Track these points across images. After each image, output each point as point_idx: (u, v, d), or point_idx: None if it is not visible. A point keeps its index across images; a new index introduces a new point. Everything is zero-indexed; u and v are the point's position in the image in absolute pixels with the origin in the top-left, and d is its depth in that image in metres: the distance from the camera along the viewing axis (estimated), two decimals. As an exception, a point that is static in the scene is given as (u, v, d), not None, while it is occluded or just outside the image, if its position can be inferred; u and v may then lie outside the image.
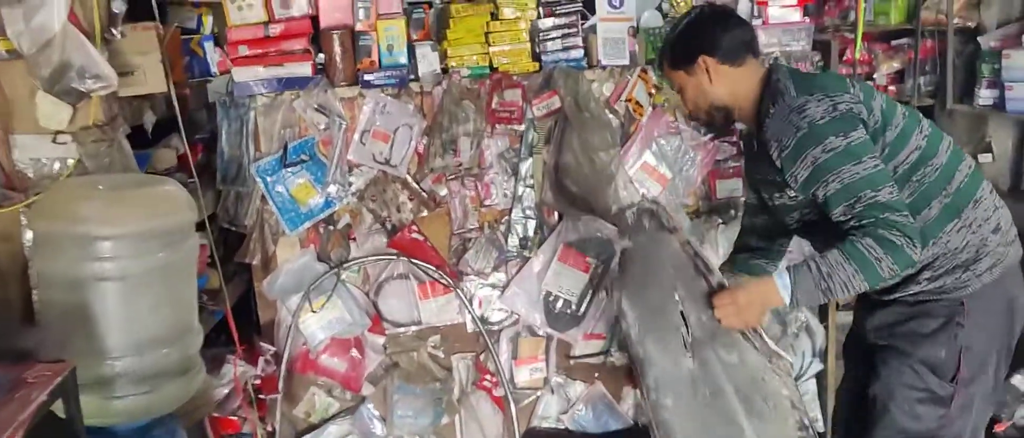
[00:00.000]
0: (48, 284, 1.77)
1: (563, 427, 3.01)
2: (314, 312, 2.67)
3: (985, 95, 3.00)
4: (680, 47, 2.02)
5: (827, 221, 1.85)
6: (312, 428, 2.90)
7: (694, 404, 1.77)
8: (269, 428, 2.71)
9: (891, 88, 4.09)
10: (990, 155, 3.15)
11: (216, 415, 2.49)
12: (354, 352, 2.85)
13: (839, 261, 1.76)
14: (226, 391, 2.47)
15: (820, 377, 2.98)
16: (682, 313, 1.86)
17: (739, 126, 2.50)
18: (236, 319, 2.62)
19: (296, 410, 2.89)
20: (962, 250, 1.89)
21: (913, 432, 1.93)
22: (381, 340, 2.87)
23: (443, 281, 2.77)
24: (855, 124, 1.80)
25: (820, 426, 2.95)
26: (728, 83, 1.98)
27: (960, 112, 3.23)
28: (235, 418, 2.55)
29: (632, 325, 1.91)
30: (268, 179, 2.66)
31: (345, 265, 2.75)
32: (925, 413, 1.92)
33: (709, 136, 2.77)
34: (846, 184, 1.77)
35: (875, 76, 4.23)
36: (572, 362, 2.91)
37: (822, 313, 2.96)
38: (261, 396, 2.68)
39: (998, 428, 2.68)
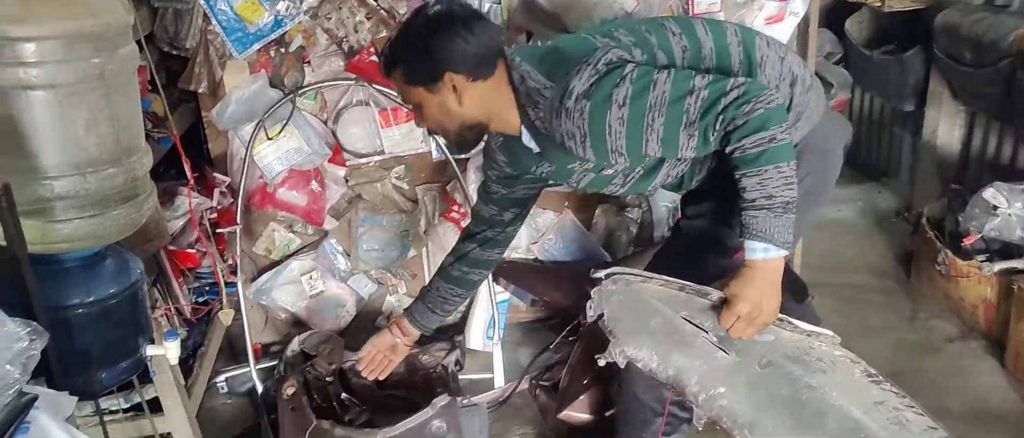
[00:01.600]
0: (-33, 98, 1.57)
1: (533, 257, 2.97)
2: (270, 140, 2.49)
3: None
4: (415, 59, 1.64)
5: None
6: (273, 265, 2.80)
7: (750, 379, 1.60)
8: (229, 262, 2.59)
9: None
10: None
11: (172, 248, 2.35)
12: (314, 184, 2.71)
13: (758, 180, 1.51)
14: (181, 223, 2.33)
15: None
16: (695, 324, 1.62)
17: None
18: (186, 151, 2.44)
19: (255, 247, 2.78)
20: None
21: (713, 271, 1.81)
22: (342, 171, 2.73)
23: (406, 107, 2.60)
24: (622, 66, 1.58)
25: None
26: (480, 99, 1.66)
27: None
28: (193, 252, 2.41)
29: (650, 359, 1.64)
30: (209, -5, 2.41)
31: (300, 91, 2.56)
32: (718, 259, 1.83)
33: None
34: (666, 114, 1.54)
35: None
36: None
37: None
38: (219, 230, 2.55)
39: (966, 240, 2.71)
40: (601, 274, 1.69)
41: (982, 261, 2.66)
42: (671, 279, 1.66)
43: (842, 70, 4.04)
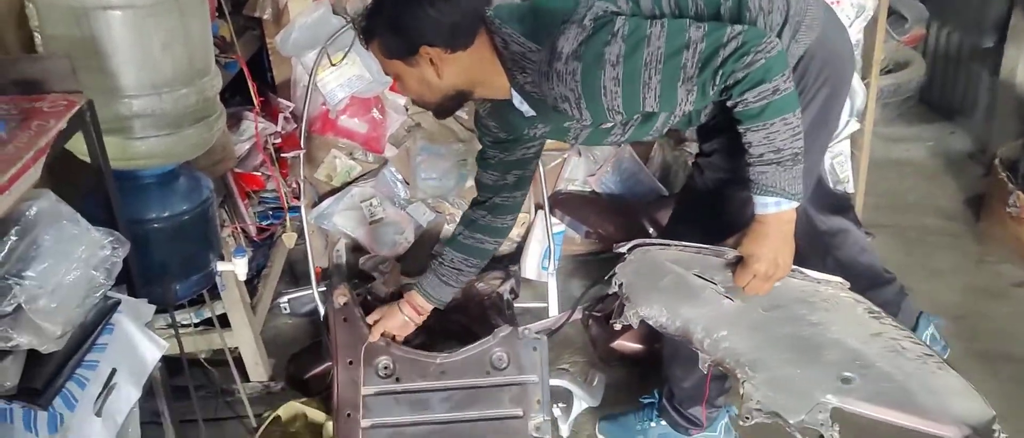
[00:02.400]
0: (49, 18, 1.62)
1: (590, 189, 2.97)
2: (333, 67, 2.52)
3: None
4: (389, 33, 1.57)
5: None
6: (334, 191, 2.86)
7: (753, 321, 1.59)
8: (292, 185, 2.65)
9: None
10: None
11: (239, 171, 2.42)
12: (375, 112, 2.74)
13: (762, 134, 1.45)
14: (247, 147, 2.39)
15: (855, 137, 2.88)
16: (705, 278, 1.61)
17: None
18: (252, 77, 2.49)
19: (317, 173, 2.84)
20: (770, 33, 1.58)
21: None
22: (403, 100, 2.75)
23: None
24: (611, 20, 1.50)
25: (850, 187, 2.90)
26: (460, 70, 1.61)
27: None
28: (258, 174, 2.48)
29: (660, 314, 1.67)
30: (274, -81, 2.42)
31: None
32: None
33: None
34: (662, 70, 1.47)
35: None
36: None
37: (865, 71, 2.81)
38: (282, 155, 2.61)
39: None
40: (624, 248, 1.66)
41: (1056, 204, 2.58)
42: (689, 244, 1.63)
43: (917, 2, 3.87)
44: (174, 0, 1.63)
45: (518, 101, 1.70)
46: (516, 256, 2.93)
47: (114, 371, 1.23)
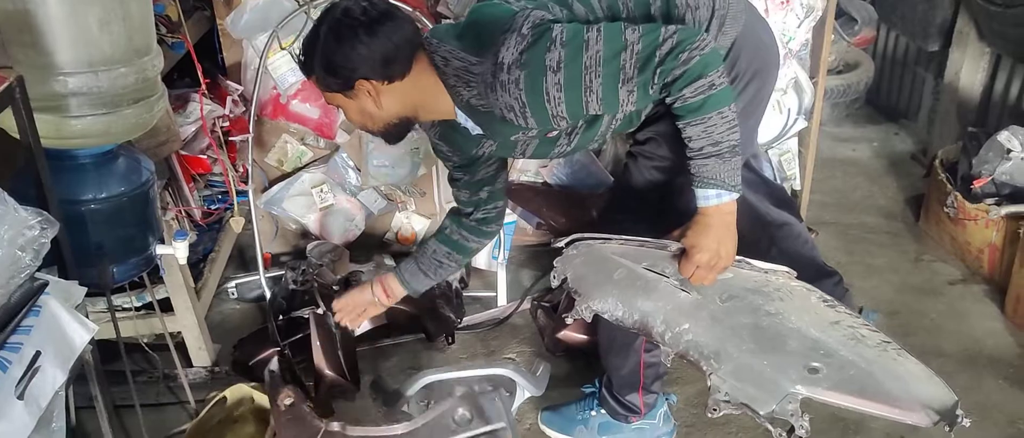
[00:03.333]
0: (-19, -9, 1.59)
1: (541, 180, 2.98)
2: (283, 50, 2.50)
3: None
4: (323, 71, 1.60)
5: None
6: (285, 176, 2.84)
7: (712, 312, 1.61)
8: (241, 170, 2.62)
9: None
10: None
11: (184, 153, 2.38)
12: (327, 98, 2.71)
13: (701, 128, 1.49)
14: (193, 129, 2.35)
15: (802, 135, 2.93)
16: (656, 271, 1.64)
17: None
18: (199, 60, 2.45)
19: (268, 158, 2.81)
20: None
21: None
22: (355, 85, 2.73)
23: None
24: (549, 27, 1.52)
25: (797, 184, 2.96)
26: (400, 97, 1.63)
27: None
28: (204, 157, 2.45)
29: (615, 308, 1.66)
30: (223, -101, 2.39)
31: (315, 2, 2.55)
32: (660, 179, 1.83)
33: None
34: (603, 73, 1.50)
35: None
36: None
37: (813, 70, 2.86)
38: (231, 138, 2.58)
39: (976, 184, 2.70)
40: (561, 243, 1.68)
41: (990, 205, 2.65)
42: (630, 238, 1.66)
43: (868, 5, 3.95)
44: (113, -24, 1.60)
45: (463, 119, 1.71)
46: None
47: (38, 354, 1.21)
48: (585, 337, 2.42)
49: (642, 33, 1.49)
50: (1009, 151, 2.64)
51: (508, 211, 2.84)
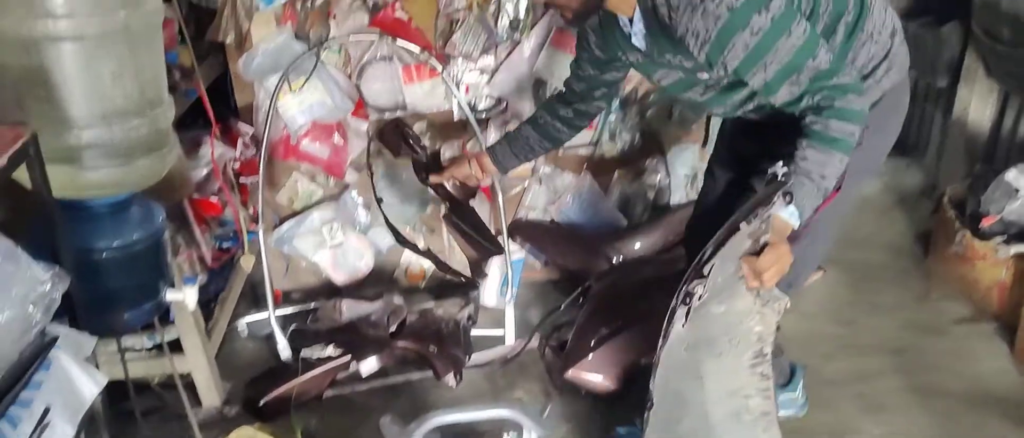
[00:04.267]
0: (-2, 48, 1.63)
1: (549, 218, 3.00)
2: (293, 93, 2.54)
3: None
4: None
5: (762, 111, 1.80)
6: (295, 214, 2.87)
7: (674, 363, 1.68)
8: (251, 211, 2.66)
9: None
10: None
11: (196, 197, 2.42)
12: (337, 137, 2.76)
13: (822, 158, 1.61)
14: (204, 173, 2.39)
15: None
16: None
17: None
18: (212, 102, 2.50)
19: (278, 196, 2.85)
20: (868, 62, 1.82)
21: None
22: (365, 125, 2.77)
23: (429, 64, 2.63)
24: None
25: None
26: None
27: None
28: (216, 200, 2.49)
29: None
30: (237, -53, 2.44)
31: (325, 45, 2.60)
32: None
33: None
34: (785, 63, 1.62)
35: None
36: (560, 154, 2.85)
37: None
38: (242, 180, 2.62)
39: (985, 222, 2.69)
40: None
41: (999, 243, 2.65)
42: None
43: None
44: (124, 31, 1.64)
45: (629, 22, 1.79)
46: (476, 282, 2.95)
47: (48, 410, 1.24)
48: (597, 377, 2.42)
49: (833, 56, 1.65)
50: (1017, 190, 2.64)
51: (516, 248, 2.87)
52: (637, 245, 2.87)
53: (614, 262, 2.83)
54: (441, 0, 2.58)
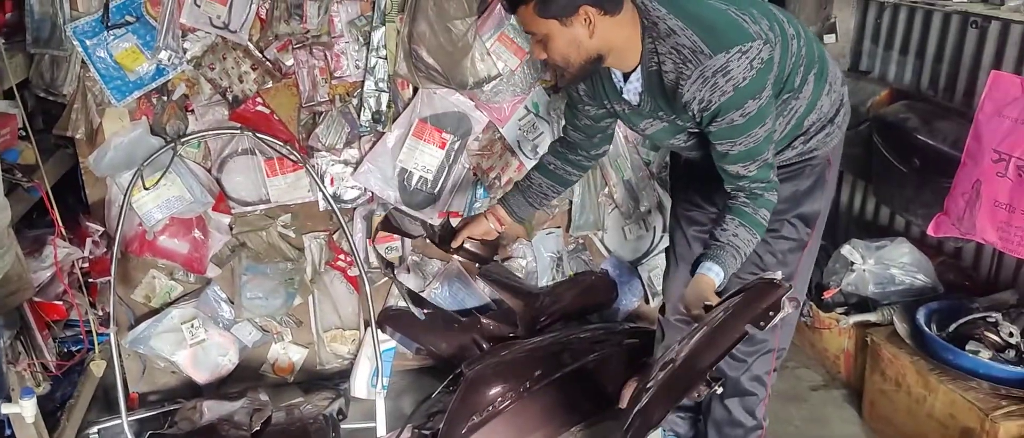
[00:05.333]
0: None
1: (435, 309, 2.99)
2: (148, 190, 2.47)
3: (833, -24, 3.05)
4: None
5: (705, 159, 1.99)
6: (153, 312, 2.76)
7: None
8: (101, 312, 2.54)
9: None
10: (833, 35, 3.25)
11: (38, 300, 2.29)
12: (196, 232, 2.69)
13: (747, 236, 1.87)
14: (49, 274, 2.27)
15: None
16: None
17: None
18: (64, 197, 2.41)
19: (134, 294, 2.73)
20: (829, 109, 2.04)
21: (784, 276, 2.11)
22: (227, 219, 2.72)
23: (292, 157, 2.63)
24: (766, 77, 1.80)
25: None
26: (607, 32, 1.80)
27: (810, -7, 3.29)
28: (60, 303, 2.36)
29: None
30: (88, 42, 2.39)
31: (183, 139, 2.55)
32: (793, 259, 2.18)
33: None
34: (750, 147, 1.84)
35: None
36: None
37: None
38: (92, 280, 2.50)
39: (826, 294, 2.88)
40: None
41: (841, 314, 2.83)
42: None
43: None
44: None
45: (624, 79, 1.93)
46: (347, 373, 2.90)
47: None
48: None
49: (773, 159, 1.90)
50: (853, 263, 2.83)
51: (386, 337, 2.84)
52: (508, 327, 2.91)
53: (485, 346, 2.85)
54: (303, 93, 2.60)
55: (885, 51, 3.14)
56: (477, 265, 2.62)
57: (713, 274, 1.85)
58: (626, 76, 1.93)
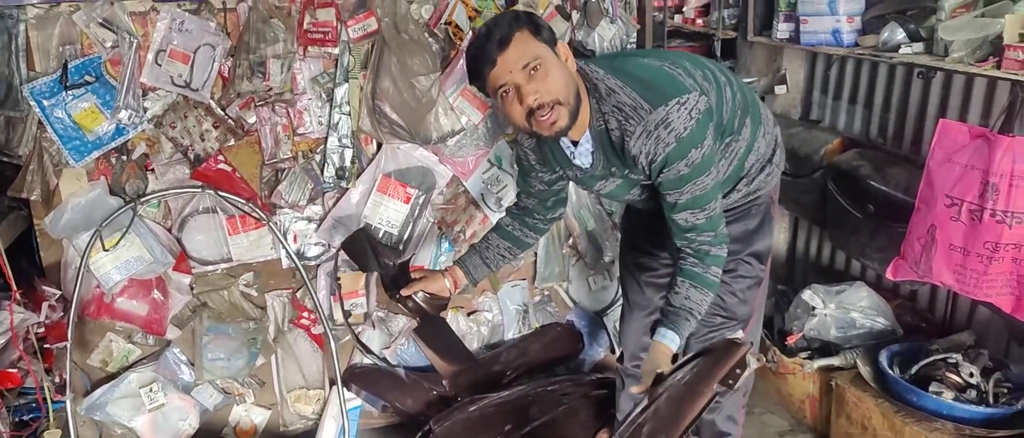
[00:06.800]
0: None
1: (383, 357, 2.96)
2: (107, 251, 2.42)
3: (782, 28, 3.15)
4: (540, 21, 1.85)
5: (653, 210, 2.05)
6: (110, 377, 2.67)
7: None
8: (57, 379, 2.45)
9: (698, 21, 4.28)
10: (784, 86, 3.35)
11: (-9, 368, 2.21)
12: (156, 293, 2.63)
13: (699, 297, 1.93)
14: (3, 341, 2.20)
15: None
16: None
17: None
18: (17, 261, 2.34)
19: (90, 359, 2.65)
20: (765, 149, 2.12)
21: (743, 315, 2.24)
22: (187, 279, 2.67)
23: (255, 214, 2.60)
24: (706, 126, 1.85)
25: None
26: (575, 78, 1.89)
27: (760, 44, 3.40)
28: (15, 371, 2.28)
29: None
30: (45, 103, 2.36)
31: (143, 199, 2.51)
32: (752, 295, 2.25)
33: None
34: (696, 196, 1.89)
35: (684, 9, 4.41)
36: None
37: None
38: (47, 345, 2.42)
39: (789, 339, 2.91)
40: None
41: (804, 358, 2.87)
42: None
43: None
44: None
45: (570, 144, 1.99)
46: (311, 434, 2.84)
47: None
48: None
49: (721, 209, 1.95)
50: (813, 308, 2.88)
51: (352, 396, 2.79)
52: (475, 382, 2.88)
53: (455, 400, 2.82)
54: (266, 151, 2.59)
55: (834, 101, 3.25)
56: (417, 320, 2.58)
57: (668, 341, 1.91)
58: (575, 143, 1.99)
